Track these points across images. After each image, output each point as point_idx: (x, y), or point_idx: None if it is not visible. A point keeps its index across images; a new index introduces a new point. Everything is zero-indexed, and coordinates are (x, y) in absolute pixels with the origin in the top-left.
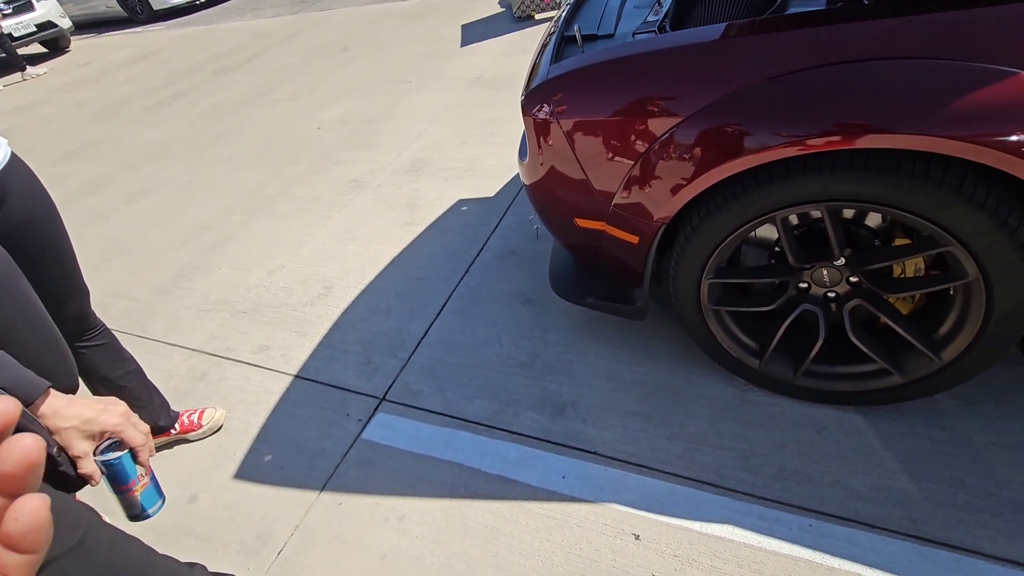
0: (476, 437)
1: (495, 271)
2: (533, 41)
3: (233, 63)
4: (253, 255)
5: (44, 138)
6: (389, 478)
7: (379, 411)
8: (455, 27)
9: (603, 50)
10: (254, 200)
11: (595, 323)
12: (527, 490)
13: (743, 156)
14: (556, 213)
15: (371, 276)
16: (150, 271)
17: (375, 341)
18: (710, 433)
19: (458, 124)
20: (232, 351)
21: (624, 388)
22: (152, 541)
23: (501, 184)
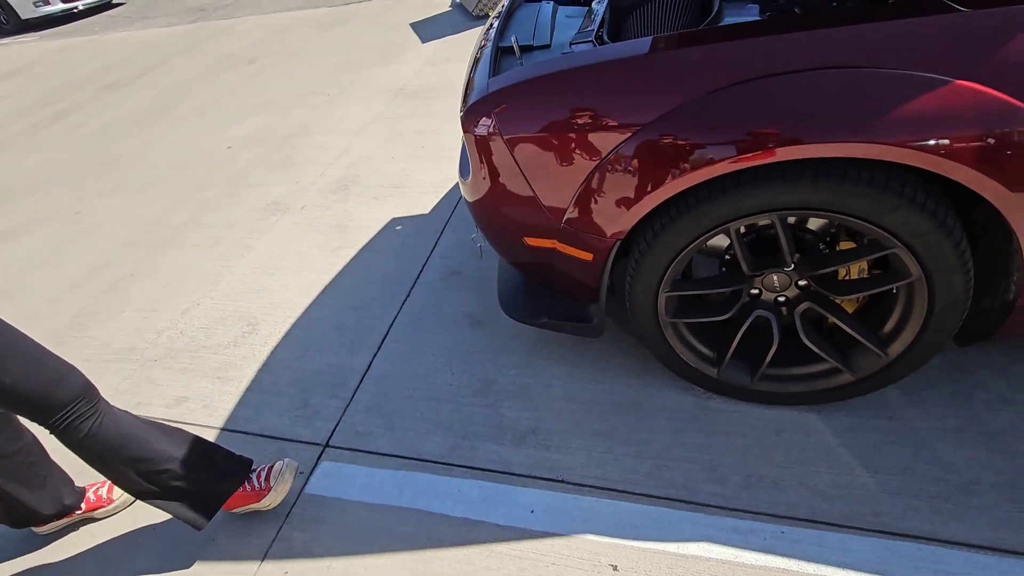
0: (434, 477)
1: (438, 293)
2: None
3: (123, 78)
4: (162, 294)
5: None
6: (341, 535)
7: (323, 460)
8: (375, 36)
9: (545, 62)
10: (160, 231)
11: (548, 342)
12: (495, 531)
13: (697, 169)
14: (504, 232)
15: (302, 308)
16: (37, 320)
17: (312, 381)
18: (675, 446)
19: (385, 138)
20: (144, 406)
21: (585, 407)
22: None
23: (436, 200)
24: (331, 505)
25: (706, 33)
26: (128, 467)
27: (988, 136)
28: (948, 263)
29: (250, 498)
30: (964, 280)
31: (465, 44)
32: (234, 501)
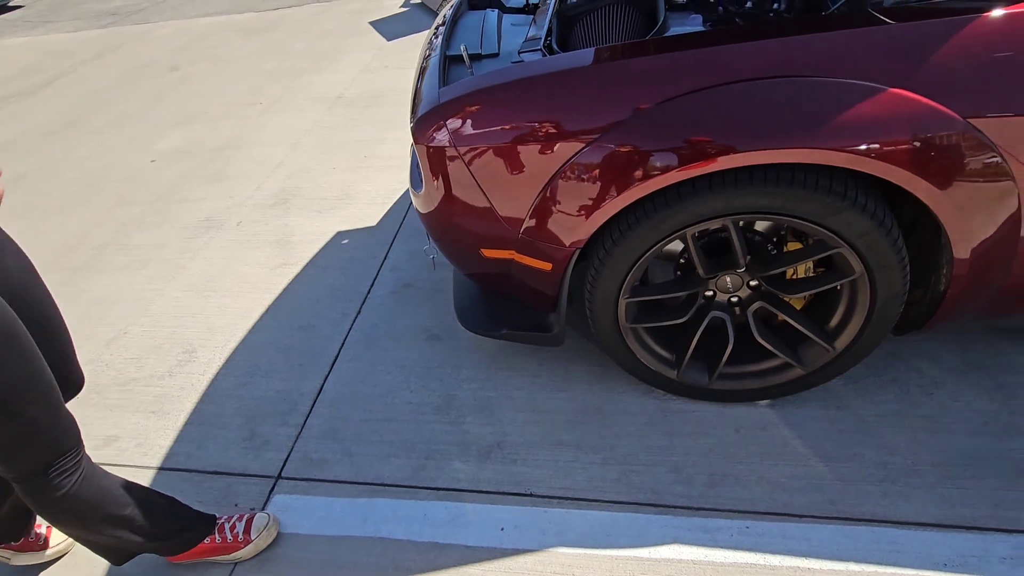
0: (398, 502)
1: (391, 308)
2: (398, 55)
3: (27, 87)
4: (83, 324)
5: None
6: (298, 573)
7: (275, 493)
8: (306, 42)
9: (496, 72)
10: (76, 254)
11: (508, 353)
12: (465, 553)
13: (652, 177)
14: (459, 244)
15: (243, 331)
16: None
17: (259, 409)
18: (640, 451)
19: (324, 148)
20: None
21: (549, 418)
22: None
23: (383, 211)
24: (287, 541)
25: (654, 43)
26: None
27: (919, 140)
28: (887, 260)
29: (220, 550)
30: (902, 275)
31: (409, 48)
32: (202, 551)
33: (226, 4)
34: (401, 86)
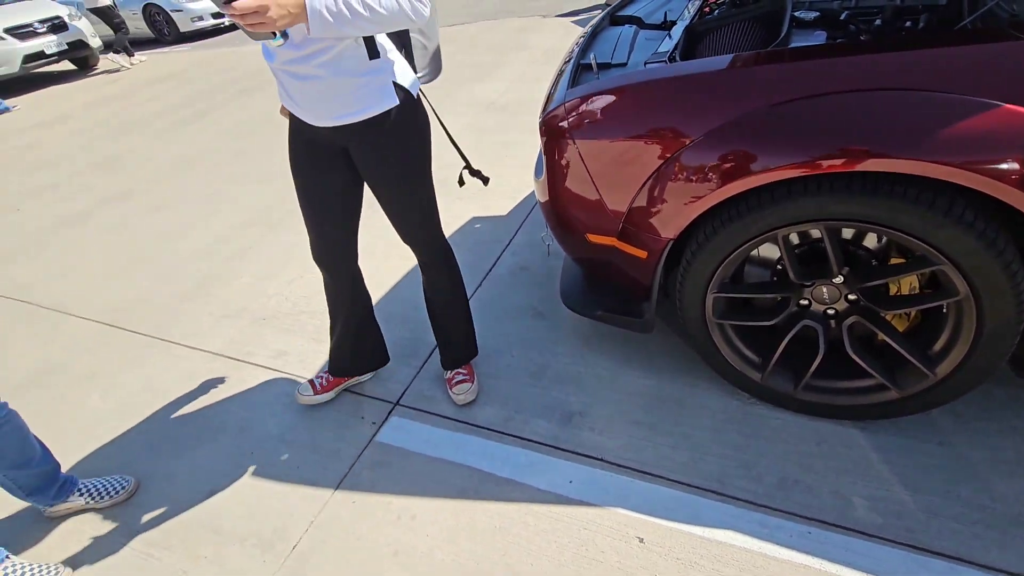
0: (486, 442)
1: (507, 285)
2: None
3: (254, 84)
4: (272, 267)
5: (69, 151)
6: (401, 479)
7: (392, 415)
8: (472, 54)
9: (617, 76)
10: (272, 215)
11: (602, 337)
12: (535, 493)
13: (746, 177)
14: (569, 229)
15: (387, 288)
16: (173, 279)
17: (390, 349)
18: (713, 443)
19: (473, 146)
20: (252, 356)
21: (629, 399)
22: (170, 533)
23: (513, 204)
24: (395, 453)
25: (772, 53)
26: None
27: None
28: (997, 284)
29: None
30: (1015, 303)
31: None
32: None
33: None
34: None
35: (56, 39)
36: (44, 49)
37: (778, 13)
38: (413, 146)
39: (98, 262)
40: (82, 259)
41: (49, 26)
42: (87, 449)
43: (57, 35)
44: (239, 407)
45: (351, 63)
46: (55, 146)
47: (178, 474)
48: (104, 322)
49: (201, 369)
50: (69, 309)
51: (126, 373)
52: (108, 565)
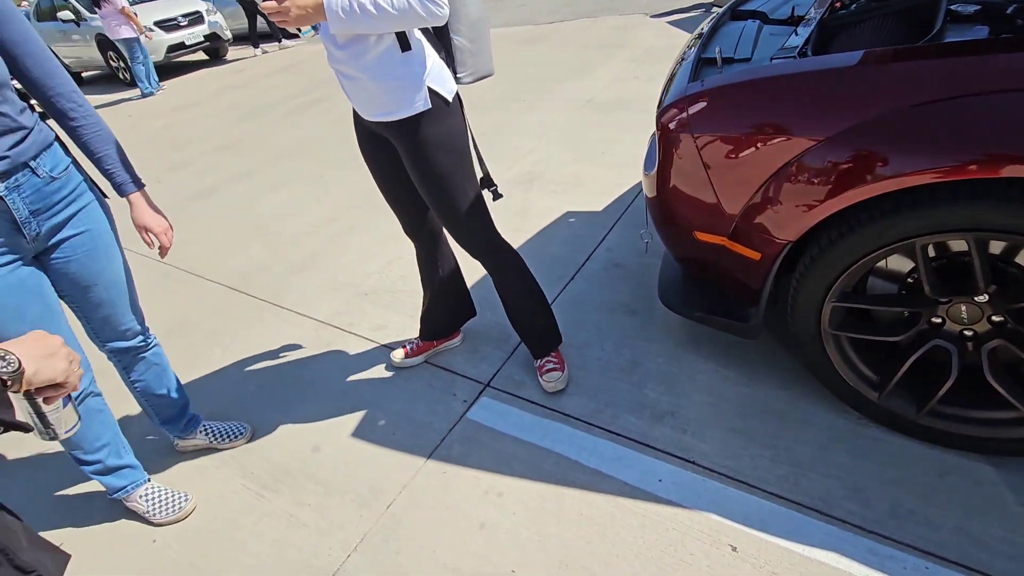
0: (574, 431)
1: (600, 281)
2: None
3: None
4: (374, 246)
5: (202, 132)
6: (490, 456)
7: (483, 395)
8: (569, 52)
9: (743, 70)
10: (376, 198)
11: (698, 339)
12: (623, 487)
13: (885, 180)
14: (676, 225)
15: (481, 273)
16: (286, 252)
17: (482, 333)
18: (817, 461)
19: (568, 142)
20: (354, 327)
21: (726, 404)
22: (279, 479)
23: (608, 201)
24: (485, 431)
25: (920, 49)
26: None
27: None
28: None
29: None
30: None
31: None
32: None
33: (509, 18)
34: (646, 95)
35: (195, 31)
36: (184, 40)
37: (930, 6)
38: (442, 152)
39: (223, 232)
40: (210, 229)
41: (189, 20)
42: (209, 396)
43: (196, 28)
44: (341, 372)
45: (386, 66)
46: (189, 128)
47: (286, 427)
48: (228, 286)
49: (309, 335)
50: (199, 272)
51: (244, 332)
52: (226, 500)
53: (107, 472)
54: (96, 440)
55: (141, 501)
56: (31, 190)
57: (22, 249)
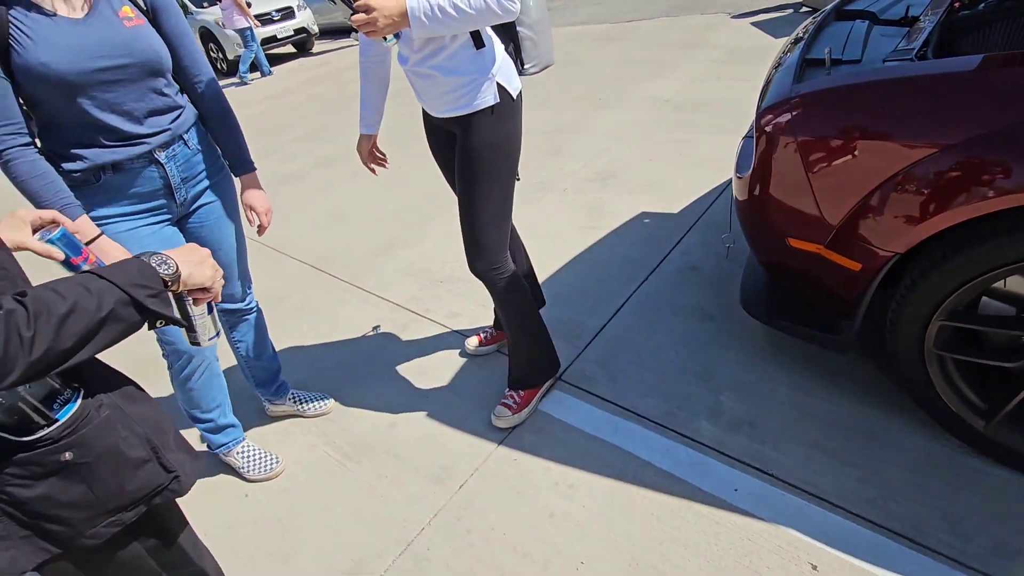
0: (646, 432)
1: (675, 284)
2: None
3: None
4: (450, 236)
5: (290, 121)
6: (560, 448)
7: (554, 388)
8: (648, 51)
9: (854, 72)
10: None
11: (779, 349)
12: (696, 492)
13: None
14: (768, 231)
15: (552, 269)
16: (366, 236)
17: (553, 327)
18: (910, 487)
19: (645, 142)
20: (429, 312)
21: (808, 419)
22: (359, 451)
23: (686, 202)
24: (555, 424)
25: None
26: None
27: None
28: None
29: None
30: None
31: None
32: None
33: (589, 15)
34: (728, 96)
35: (286, 26)
36: (276, 34)
37: None
38: (492, 152)
39: (310, 214)
40: (298, 210)
41: (282, 15)
42: (294, 367)
43: (287, 22)
44: (417, 355)
45: (460, 62)
46: (278, 116)
47: (366, 403)
48: (313, 265)
49: (386, 317)
50: (287, 251)
51: (328, 310)
52: (311, 465)
53: (216, 431)
54: (212, 402)
55: (238, 457)
56: (183, 159)
57: (172, 212)
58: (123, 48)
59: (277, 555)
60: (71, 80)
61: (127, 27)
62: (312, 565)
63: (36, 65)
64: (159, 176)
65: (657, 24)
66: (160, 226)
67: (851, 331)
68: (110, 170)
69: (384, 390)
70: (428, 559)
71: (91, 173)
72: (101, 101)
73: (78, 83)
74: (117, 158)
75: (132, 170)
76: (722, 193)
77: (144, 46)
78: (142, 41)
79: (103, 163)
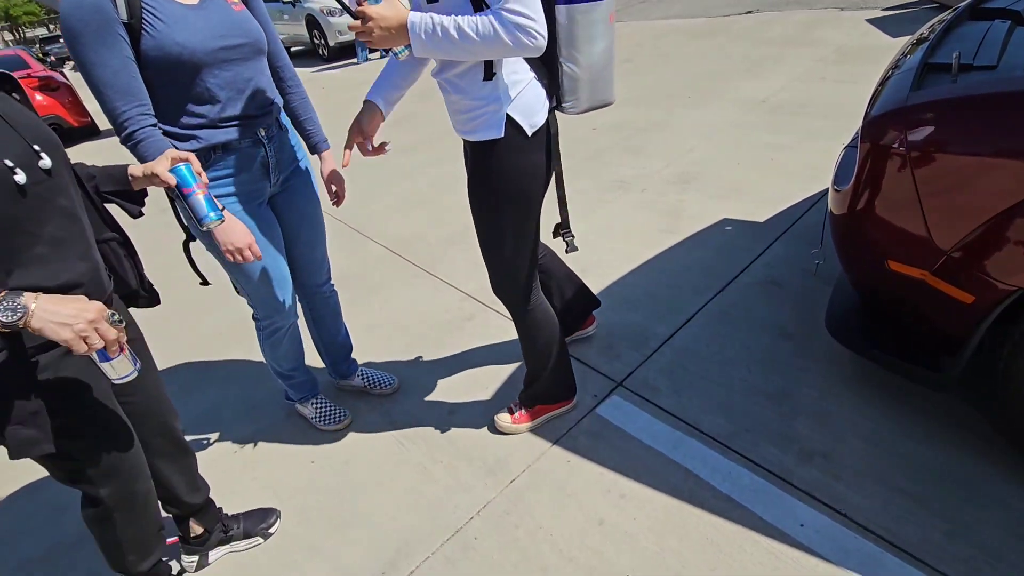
0: (708, 450)
1: (754, 297)
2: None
3: None
4: None
5: None
6: (616, 456)
7: (614, 394)
8: (745, 48)
9: (986, 81)
10: None
11: (865, 379)
12: (756, 521)
13: None
14: (866, 250)
15: (624, 271)
16: (442, 223)
17: (620, 331)
18: (1011, 551)
19: (734, 144)
20: (496, 304)
21: (892, 460)
22: (418, 433)
23: (773, 212)
24: (613, 430)
25: None
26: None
27: None
28: None
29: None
30: None
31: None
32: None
33: (684, 8)
34: (831, 99)
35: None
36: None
37: None
38: (500, 186)
39: (389, 199)
40: (379, 195)
41: None
42: (364, 347)
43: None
44: (480, 346)
45: (467, 84)
46: None
47: (427, 387)
48: (389, 248)
49: (454, 305)
50: (366, 232)
51: (399, 292)
52: (372, 441)
53: (295, 385)
54: (294, 361)
55: (311, 408)
56: (278, 142)
57: (265, 192)
58: (238, 28)
59: (335, 522)
60: (200, 58)
61: (236, 11)
62: (365, 537)
63: (172, 45)
64: (261, 157)
65: (758, 19)
66: (258, 204)
67: (954, 369)
68: (220, 150)
69: (445, 377)
70: (474, 548)
71: (203, 154)
72: (221, 80)
73: (205, 61)
74: (229, 138)
75: (240, 151)
76: (815, 205)
77: (253, 27)
78: (250, 23)
79: (215, 143)
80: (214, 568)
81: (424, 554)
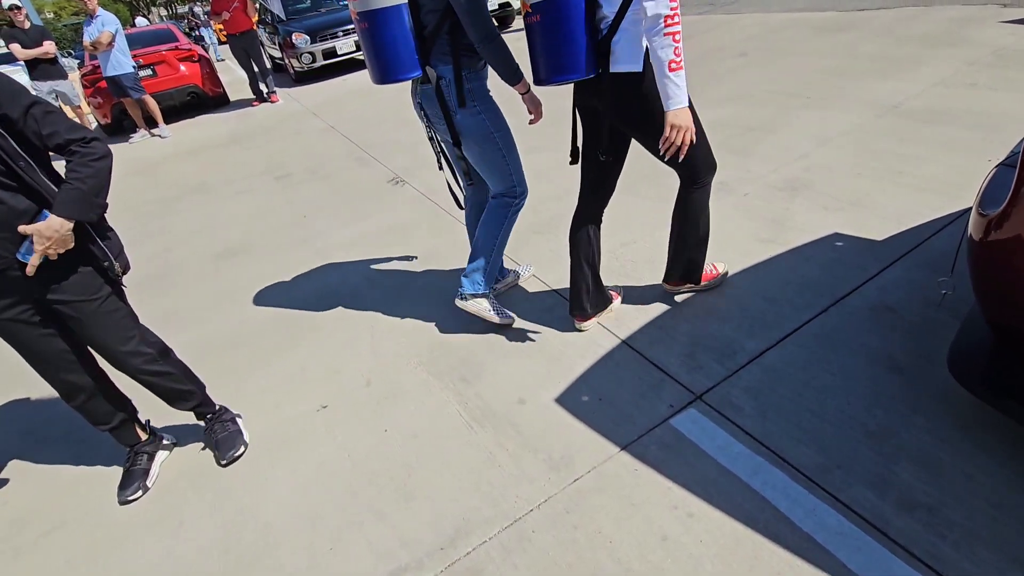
0: (792, 483)
1: (861, 322)
2: (992, 73)
3: None
4: (614, 224)
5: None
6: (687, 472)
7: (692, 406)
8: (880, 46)
9: None
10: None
11: (985, 427)
12: (839, 568)
13: None
14: (1010, 285)
15: None
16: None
17: (705, 341)
18: None
19: (855, 152)
20: None
21: (1012, 524)
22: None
23: (894, 230)
24: (687, 445)
25: None
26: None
27: None
28: None
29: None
30: None
31: (1017, 67)
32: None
33: (809, 1)
34: (980, 109)
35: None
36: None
37: None
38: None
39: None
40: None
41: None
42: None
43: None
44: (556, 338)
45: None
46: None
47: (501, 373)
48: None
49: (534, 295)
50: (456, 215)
51: None
52: (442, 420)
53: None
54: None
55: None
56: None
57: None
58: None
59: (400, 493)
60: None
61: None
62: (427, 513)
63: None
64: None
65: (899, 14)
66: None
67: None
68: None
69: (519, 365)
70: (531, 540)
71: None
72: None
73: None
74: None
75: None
76: (946, 227)
77: None
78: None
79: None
80: (278, 511)
81: (481, 538)
